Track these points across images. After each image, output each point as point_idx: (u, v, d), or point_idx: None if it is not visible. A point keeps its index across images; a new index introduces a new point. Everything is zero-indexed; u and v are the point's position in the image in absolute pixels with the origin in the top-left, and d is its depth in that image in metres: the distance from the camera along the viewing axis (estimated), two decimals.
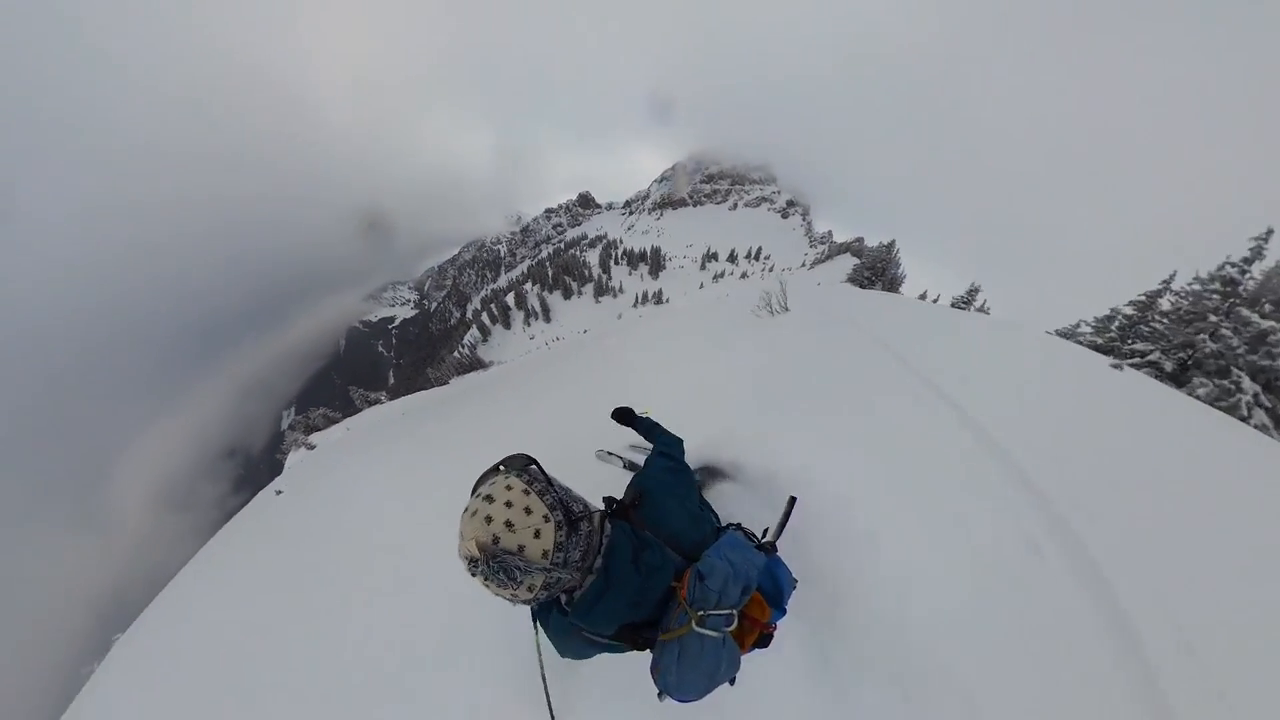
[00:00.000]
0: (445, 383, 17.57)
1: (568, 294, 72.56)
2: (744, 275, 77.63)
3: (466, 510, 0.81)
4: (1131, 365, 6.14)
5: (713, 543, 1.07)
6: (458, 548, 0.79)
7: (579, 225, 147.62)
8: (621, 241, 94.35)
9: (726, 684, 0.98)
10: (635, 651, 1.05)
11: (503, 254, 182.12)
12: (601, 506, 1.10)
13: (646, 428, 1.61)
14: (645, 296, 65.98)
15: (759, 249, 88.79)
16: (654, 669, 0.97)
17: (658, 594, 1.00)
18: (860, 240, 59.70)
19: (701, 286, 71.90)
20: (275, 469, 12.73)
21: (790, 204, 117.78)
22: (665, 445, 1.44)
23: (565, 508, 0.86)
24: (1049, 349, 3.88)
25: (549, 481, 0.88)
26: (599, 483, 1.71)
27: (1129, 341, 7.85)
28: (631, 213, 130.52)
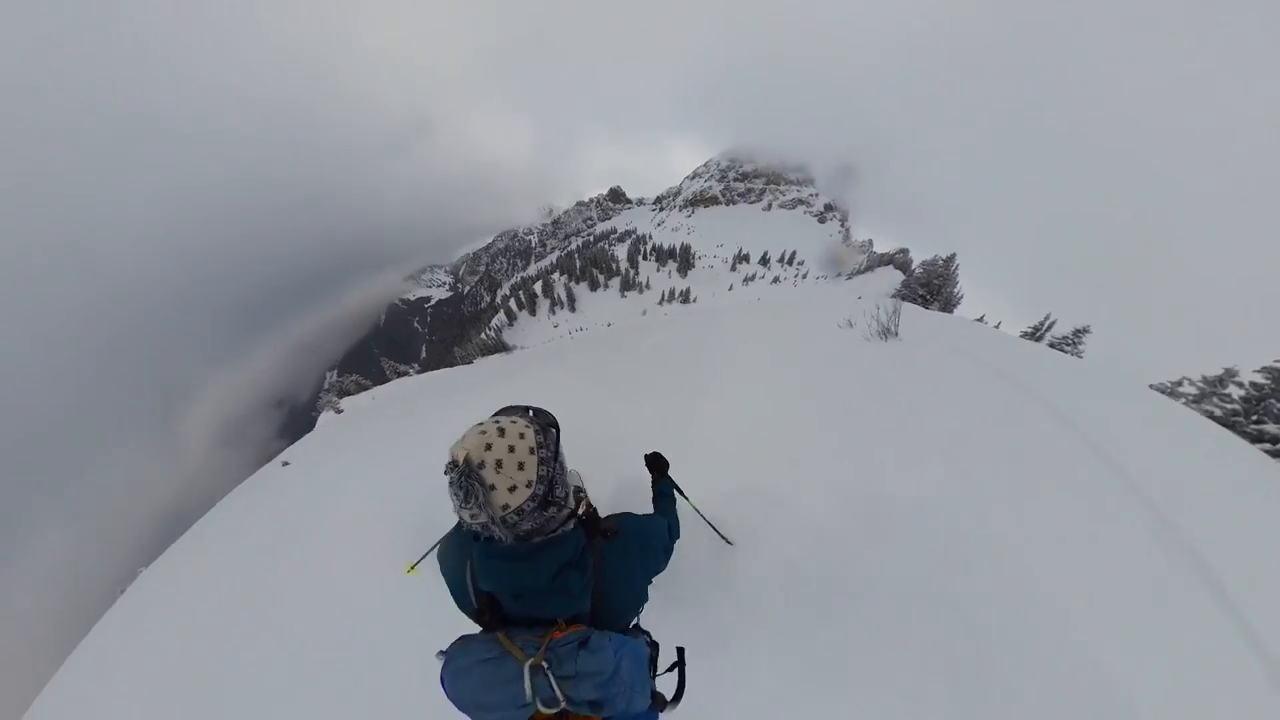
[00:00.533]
0: (470, 361, 17.66)
1: (594, 286, 71.97)
2: (776, 280, 75.03)
3: (480, 425, 0.84)
4: (1265, 450, 4.60)
5: (620, 634, 0.91)
6: (453, 445, 0.82)
7: (609, 219, 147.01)
8: (650, 237, 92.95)
9: None
10: (477, 626, 0.96)
11: (533, 244, 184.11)
12: (583, 495, 1.07)
13: (667, 492, 1.57)
14: (672, 294, 64.55)
15: (793, 253, 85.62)
16: (464, 639, 0.90)
17: (543, 613, 0.89)
18: (904, 252, 56.03)
19: (731, 288, 69.98)
20: (310, 424, 12.98)
21: (828, 208, 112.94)
22: (673, 521, 1.39)
23: (550, 486, 0.86)
24: (1185, 421, 2.87)
25: (556, 454, 0.89)
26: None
27: (1257, 419, 6.12)
28: (662, 209, 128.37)
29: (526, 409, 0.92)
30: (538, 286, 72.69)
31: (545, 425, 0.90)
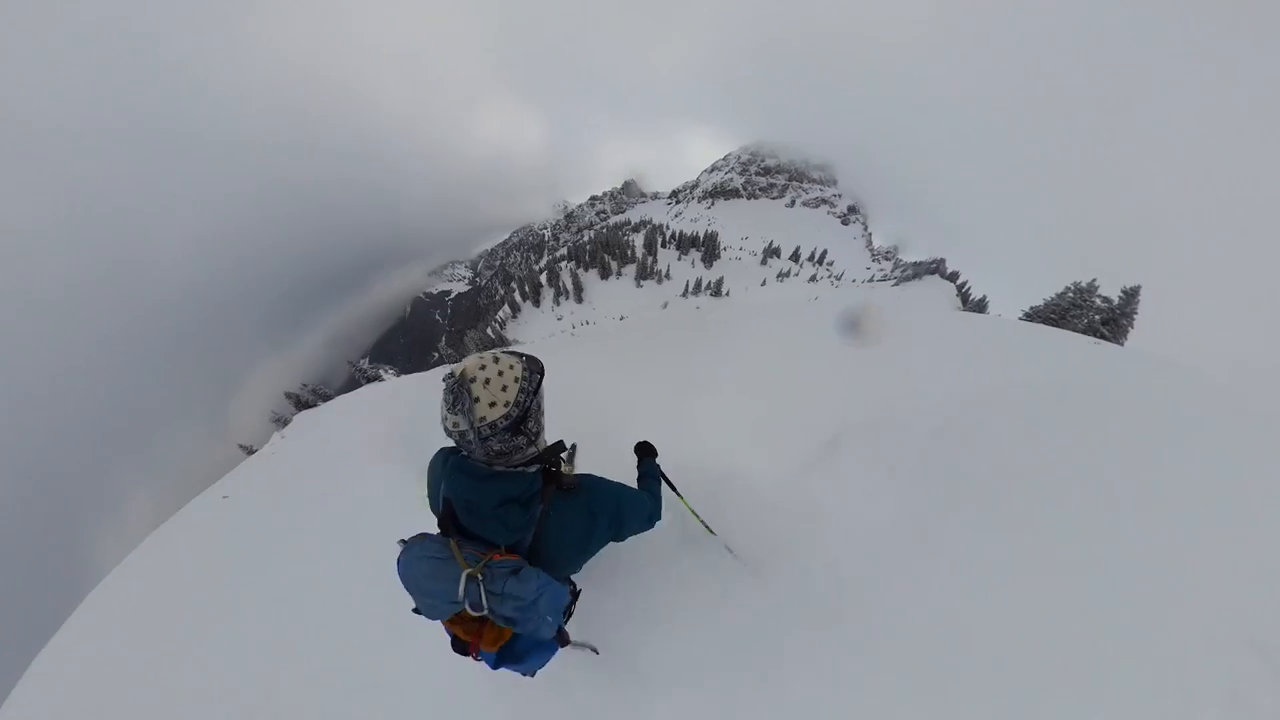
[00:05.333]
0: (456, 361, 12.26)
1: (605, 273, 57.64)
2: (812, 279, 60.26)
3: (480, 353, 0.94)
4: None
5: (551, 579, 0.97)
6: (456, 365, 0.93)
7: (623, 213, 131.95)
8: (669, 226, 78.25)
9: (425, 608, 0.97)
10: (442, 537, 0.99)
11: (547, 238, 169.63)
12: (561, 457, 1.07)
13: (650, 472, 1.53)
14: (698, 285, 50.16)
15: (823, 252, 70.76)
16: (422, 535, 0.98)
17: (483, 534, 0.97)
18: (941, 262, 46.74)
19: (764, 284, 55.63)
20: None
21: (851, 210, 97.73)
22: (652, 499, 1.36)
23: (524, 415, 0.93)
24: None
25: (535, 392, 0.95)
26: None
27: None
28: (679, 201, 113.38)
29: (519, 354, 0.98)
30: (543, 275, 59.42)
31: (533, 368, 0.97)
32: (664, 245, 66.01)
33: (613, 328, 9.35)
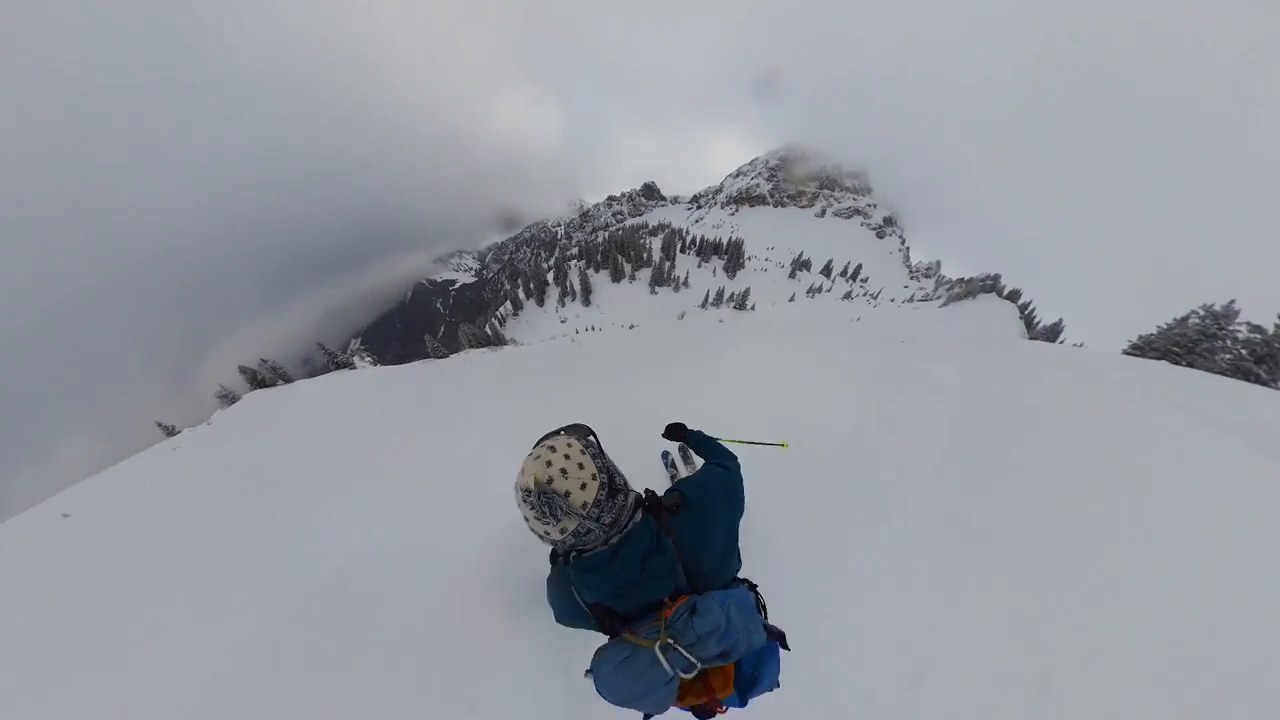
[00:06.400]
0: (444, 355, 11.36)
1: (617, 275, 52.37)
2: (847, 295, 54.40)
3: (531, 455, 0.88)
4: None
5: (722, 588, 0.98)
6: (516, 482, 0.85)
7: (641, 215, 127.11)
8: (689, 231, 72.89)
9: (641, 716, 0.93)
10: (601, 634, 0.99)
11: (559, 236, 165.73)
12: (641, 492, 1.06)
13: (698, 440, 1.50)
14: (720, 296, 44.68)
15: (858, 266, 64.87)
16: (600, 651, 0.95)
17: (646, 600, 0.95)
18: (995, 278, 41.80)
19: (792, 299, 50.05)
20: None
21: (888, 221, 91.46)
22: (721, 458, 1.30)
23: (611, 476, 0.93)
24: None
25: (601, 451, 0.95)
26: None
27: None
28: (700, 206, 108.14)
29: (557, 431, 0.95)
30: (550, 274, 54.59)
31: (583, 434, 0.95)
32: (683, 250, 60.67)
33: (620, 338, 7.82)
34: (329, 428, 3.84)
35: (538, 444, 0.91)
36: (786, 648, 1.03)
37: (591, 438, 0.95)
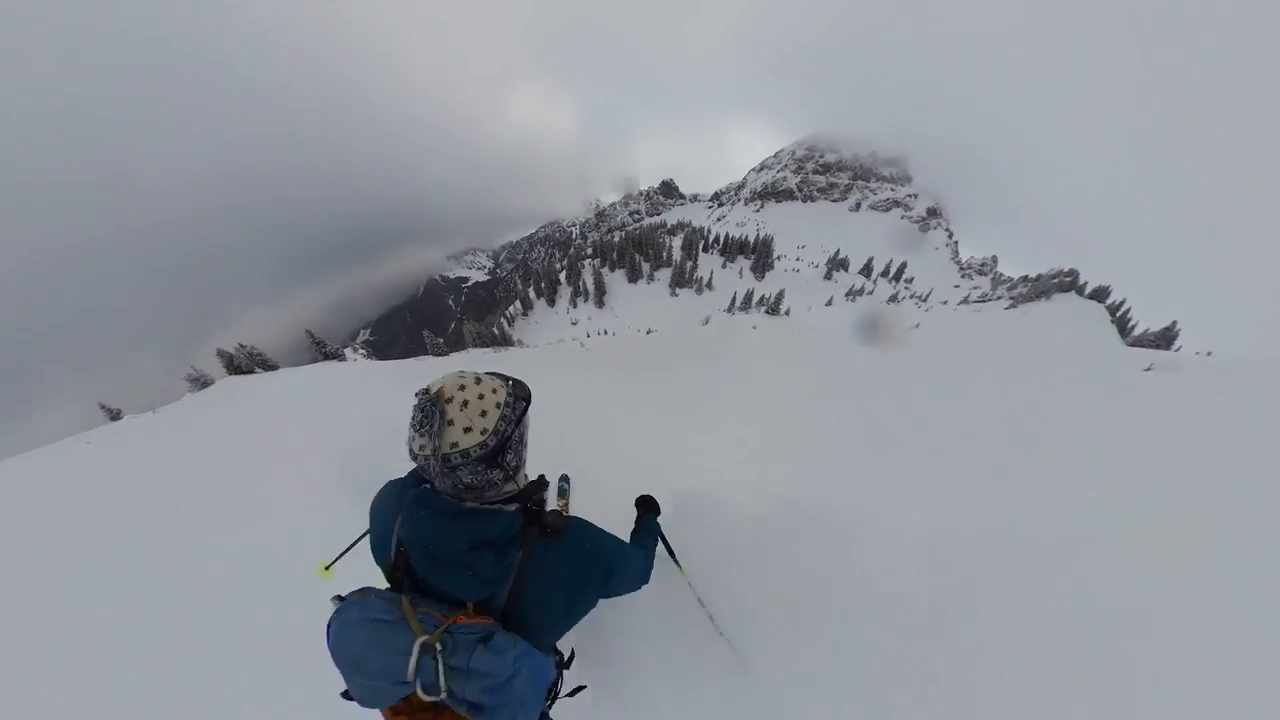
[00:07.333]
0: (444, 353, 12.71)
1: (634, 275, 48.32)
2: (892, 298, 48.94)
3: (461, 371, 0.82)
4: None
5: (531, 649, 0.76)
6: (433, 381, 0.80)
7: (659, 214, 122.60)
8: (711, 230, 68.00)
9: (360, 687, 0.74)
10: (390, 590, 0.82)
11: (574, 236, 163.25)
12: (544, 494, 0.91)
13: (649, 528, 1.40)
14: (748, 300, 40.24)
15: (901, 265, 58.98)
16: (364, 592, 0.78)
17: (449, 589, 0.79)
18: (1073, 275, 36.45)
19: (829, 302, 45.14)
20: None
21: (931, 213, 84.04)
22: (648, 555, 1.23)
23: (502, 446, 0.80)
24: None
25: (518, 422, 0.84)
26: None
27: None
28: (721, 204, 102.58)
29: (506, 378, 0.88)
30: (563, 274, 51.24)
31: (518, 394, 0.86)
32: (706, 249, 56.03)
33: (635, 344, 6.94)
34: (317, 422, 3.23)
35: (479, 373, 0.83)
36: None
37: (523, 404, 0.86)
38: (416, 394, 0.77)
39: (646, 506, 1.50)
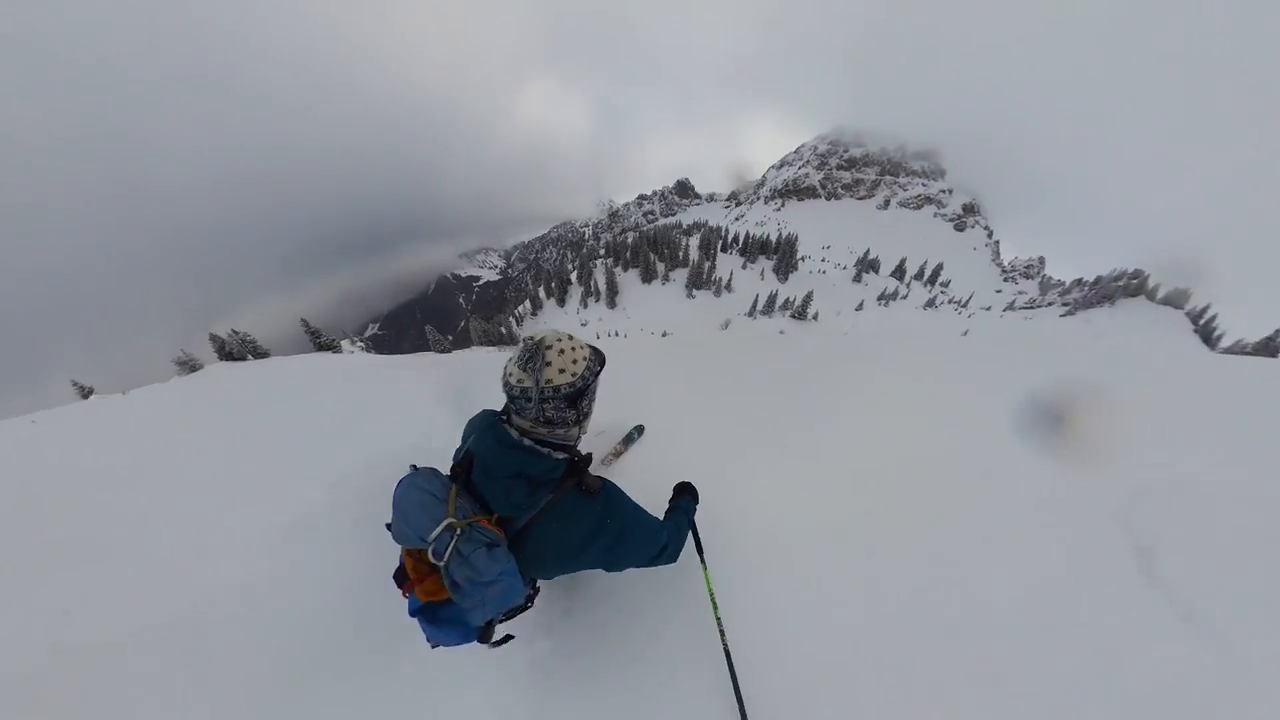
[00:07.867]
0: (447, 350, 12.08)
1: (648, 275, 45.67)
2: (929, 304, 45.07)
3: (556, 330, 1.04)
4: None
5: (516, 571, 0.97)
6: (536, 333, 1.02)
7: (674, 215, 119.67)
8: (729, 229, 64.72)
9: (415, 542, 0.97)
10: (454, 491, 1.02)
11: (587, 236, 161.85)
12: (582, 449, 1.15)
13: (682, 508, 1.51)
14: (772, 302, 37.13)
15: (937, 267, 54.79)
16: (432, 470, 1.03)
17: (488, 496, 1.01)
18: (1139, 275, 33.29)
19: (860, 307, 41.68)
20: None
21: (968, 210, 78.65)
22: (673, 538, 1.32)
23: (583, 391, 1.04)
24: None
25: (595, 375, 1.07)
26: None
27: None
28: (739, 203, 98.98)
29: (594, 349, 1.10)
30: (574, 273, 49.08)
31: (598, 358, 1.09)
32: (724, 249, 52.97)
33: (648, 347, 6.33)
34: (306, 422, 3.06)
35: (568, 332, 1.05)
36: (483, 641, 1.02)
37: (599, 366, 1.07)
38: (523, 338, 0.99)
39: (684, 490, 1.59)
